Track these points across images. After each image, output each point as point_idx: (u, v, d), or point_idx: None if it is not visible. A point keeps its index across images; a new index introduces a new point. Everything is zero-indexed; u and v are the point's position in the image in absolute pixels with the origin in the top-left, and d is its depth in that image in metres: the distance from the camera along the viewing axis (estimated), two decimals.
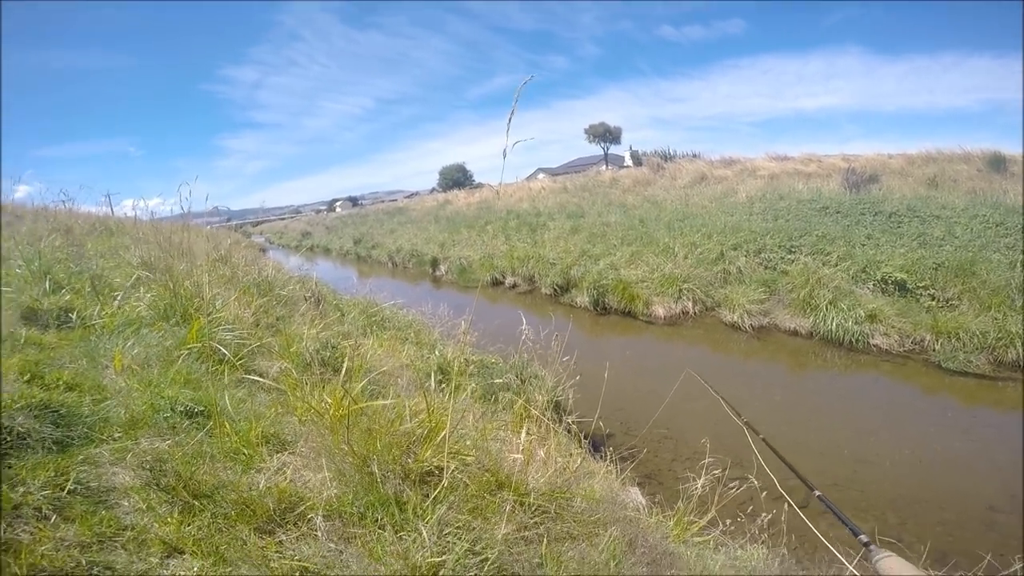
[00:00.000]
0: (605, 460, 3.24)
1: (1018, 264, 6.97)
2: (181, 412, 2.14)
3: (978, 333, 5.99)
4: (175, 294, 3.25)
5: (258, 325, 3.42)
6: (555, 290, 10.51)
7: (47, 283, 3.41)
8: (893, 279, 7.40)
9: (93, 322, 3.03)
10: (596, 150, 43.76)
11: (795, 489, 3.43)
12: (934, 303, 6.92)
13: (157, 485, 1.68)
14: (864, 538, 0.62)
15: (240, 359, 2.70)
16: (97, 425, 1.94)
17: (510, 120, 1.80)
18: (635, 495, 3.25)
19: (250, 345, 2.88)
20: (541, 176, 37.09)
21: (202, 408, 2.15)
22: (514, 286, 11.89)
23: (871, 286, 7.57)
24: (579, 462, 2.66)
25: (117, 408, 2.08)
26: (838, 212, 10.67)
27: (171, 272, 3.52)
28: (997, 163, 14.29)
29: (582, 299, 9.65)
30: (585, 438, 3.84)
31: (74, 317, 3.07)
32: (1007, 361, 5.78)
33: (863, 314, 6.85)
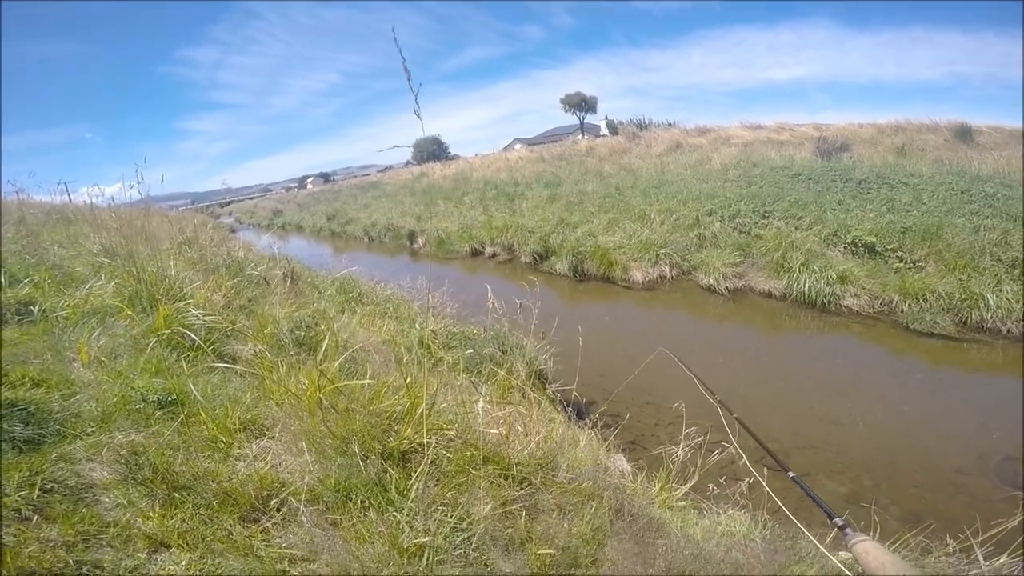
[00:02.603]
0: (589, 428, 3.28)
1: (982, 228, 7.18)
2: (153, 402, 2.08)
3: (944, 294, 6.20)
4: (140, 280, 3.11)
5: (229, 307, 3.31)
6: (535, 258, 10.53)
7: (3, 276, 3.23)
8: (863, 242, 7.58)
9: (55, 314, 2.90)
10: (572, 120, 43.27)
11: (769, 457, 3.54)
12: (902, 265, 7.12)
13: (135, 479, 1.65)
14: (839, 521, 0.62)
15: (212, 344, 2.62)
16: (68, 421, 1.89)
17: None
18: (620, 461, 3.28)
19: (222, 328, 2.79)
20: (518, 146, 36.61)
21: (175, 397, 2.10)
22: (494, 256, 11.84)
23: (842, 249, 7.75)
24: (561, 431, 2.69)
25: (88, 402, 2.02)
26: (810, 179, 10.82)
27: (134, 258, 3.36)
28: (964, 134, 14.69)
29: (561, 266, 9.69)
30: (568, 406, 3.89)
31: (35, 310, 2.93)
32: (971, 322, 5.98)
33: (834, 276, 7.02)
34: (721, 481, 2.79)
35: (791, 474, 0.80)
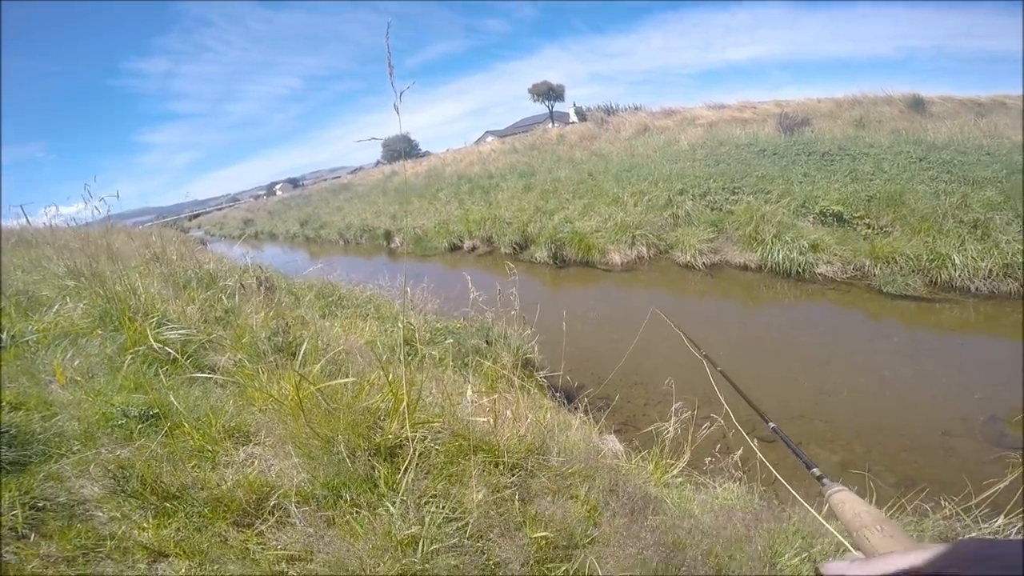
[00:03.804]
0: (580, 411, 3.32)
1: (942, 193, 7.43)
2: (135, 417, 2.07)
3: (912, 256, 6.41)
4: (108, 299, 3.05)
5: (206, 320, 3.27)
6: (514, 248, 10.56)
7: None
8: (831, 211, 7.78)
9: (25, 339, 2.83)
10: (541, 109, 43.20)
11: (760, 424, 3.62)
12: (870, 231, 7.34)
13: (124, 492, 1.65)
14: (816, 471, 0.66)
15: (189, 357, 2.59)
16: (52, 441, 1.88)
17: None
18: (613, 443, 3.32)
19: (199, 341, 2.76)
20: (490, 139, 36.43)
21: (157, 411, 2.08)
22: (473, 249, 11.83)
23: (811, 219, 7.94)
24: (550, 416, 2.73)
25: (70, 421, 2.01)
26: (775, 154, 11.05)
27: (101, 278, 3.29)
28: (917, 104, 15.28)
29: (541, 254, 9.75)
30: (557, 392, 3.92)
31: (3, 337, 2.85)
32: (941, 282, 6.19)
33: (806, 244, 7.22)
34: (715, 453, 2.84)
35: (771, 424, 0.83)
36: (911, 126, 12.82)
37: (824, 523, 1.18)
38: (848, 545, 0.53)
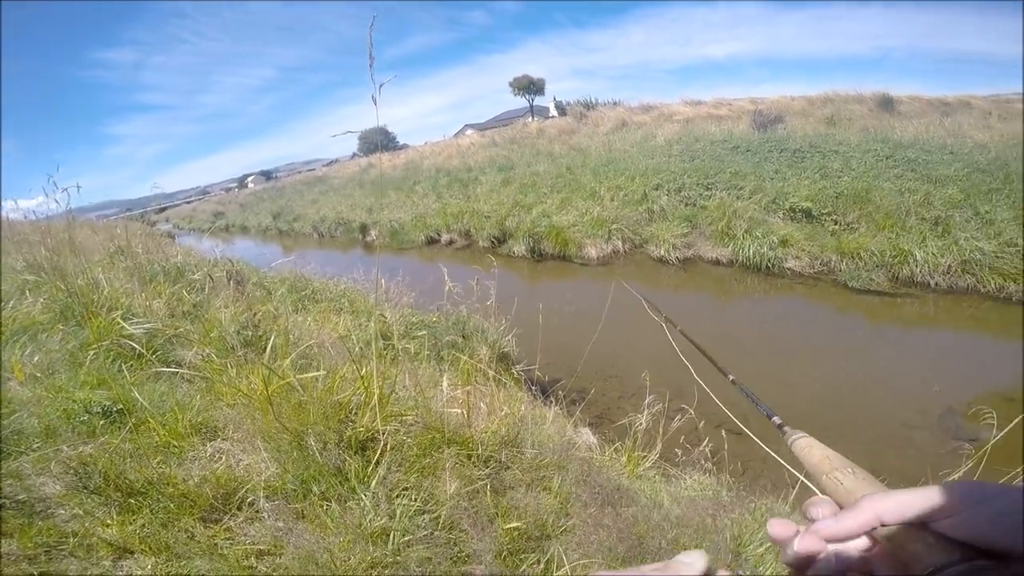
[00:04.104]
0: (555, 405, 3.35)
1: (906, 191, 7.69)
2: (98, 413, 2.02)
3: (876, 252, 6.63)
4: (70, 294, 2.95)
5: (173, 315, 3.19)
6: (492, 242, 10.54)
7: None
8: (800, 208, 7.98)
9: None
10: (522, 103, 43.07)
11: (729, 420, 3.70)
12: (837, 227, 7.56)
13: (87, 489, 1.61)
14: (777, 420, 0.65)
15: (155, 352, 2.53)
16: (11, 439, 1.83)
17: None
18: (586, 435, 3.36)
19: (165, 335, 2.69)
20: (469, 132, 36.19)
21: (121, 407, 2.03)
22: (451, 242, 11.78)
23: (781, 215, 8.14)
24: (524, 409, 2.75)
25: (29, 419, 1.95)
26: (748, 151, 11.25)
27: (62, 272, 3.18)
28: (886, 103, 15.74)
29: (519, 248, 9.78)
30: (533, 385, 3.95)
31: None
32: (903, 277, 6.41)
33: (776, 240, 7.40)
34: (686, 446, 2.90)
35: (731, 377, 0.85)
36: (880, 124, 13.19)
37: (789, 468, 1.21)
38: (817, 491, 0.49)
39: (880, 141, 10.69)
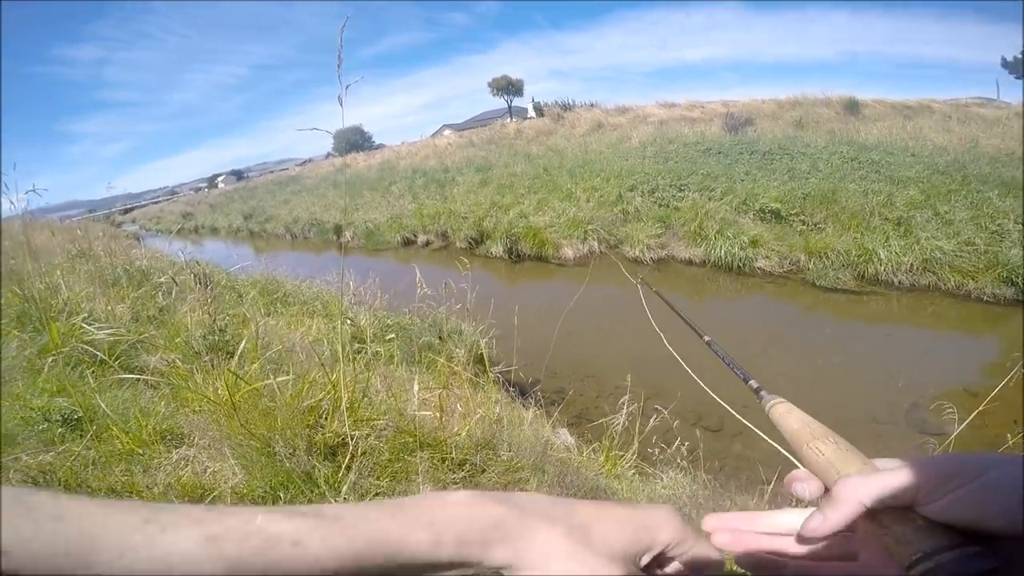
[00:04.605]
0: (533, 406, 3.36)
1: (870, 192, 7.95)
2: (58, 421, 1.94)
3: (842, 251, 6.82)
4: (27, 299, 2.84)
5: (137, 320, 3.10)
6: (470, 243, 10.49)
7: None
8: (769, 208, 8.17)
9: None
10: (500, 103, 43.31)
11: (705, 415, 3.75)
12: (805, 227, 7.76)
13: None
14: (754, 384, 0.63)
15: (118, 358, 2.46)
16: None
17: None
18: (564, 436, 3.38)
19: (128, 341, 2.62)
20: (447, 132, 36.14)
21: (81, 414, 1.96)
22: (428, 244, 11.69)
23: (751, 216, 8.32)
24: (499, 411, 2.75)
25: None
26: (720, 153, 11.49)
27: (18, 275, 3.07)
28: (852, 107, 16.33)
29: (496, 249, 9.76)
30: (511, 387, 3.95)
31: None
32: (868, 276, 6.59)
33: (747, 240, 7.56)
34: (661, 445, 2.90)
35: (706, 338, 0.85)
36: (846, 127, 13.66)
37: (764, 436, 1.22)
38: (795, 461, 0.46)
39: (846, 143, 11.08)
